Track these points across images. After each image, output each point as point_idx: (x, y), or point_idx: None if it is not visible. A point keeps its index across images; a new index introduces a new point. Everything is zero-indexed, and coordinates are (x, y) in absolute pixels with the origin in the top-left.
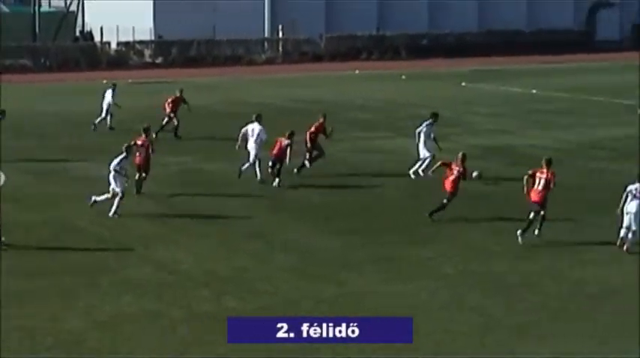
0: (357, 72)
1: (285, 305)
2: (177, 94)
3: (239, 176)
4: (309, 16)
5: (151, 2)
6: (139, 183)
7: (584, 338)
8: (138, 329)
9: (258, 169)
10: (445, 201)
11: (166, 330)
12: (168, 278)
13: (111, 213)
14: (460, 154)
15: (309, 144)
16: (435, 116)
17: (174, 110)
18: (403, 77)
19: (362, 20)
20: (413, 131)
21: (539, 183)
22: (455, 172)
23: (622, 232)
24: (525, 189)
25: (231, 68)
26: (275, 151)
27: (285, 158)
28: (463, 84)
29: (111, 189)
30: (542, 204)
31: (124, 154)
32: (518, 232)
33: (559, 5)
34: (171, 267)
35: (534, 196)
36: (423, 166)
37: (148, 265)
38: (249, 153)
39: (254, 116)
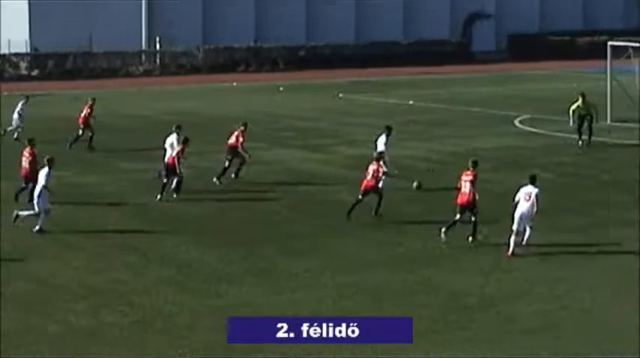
0: (235, 84)
1: (164, 319)
2: (90, 102)
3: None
4: (187, 28)
5: (27, 14)
6: (21, 192)
7: (463, 347)
8: (13, 344)
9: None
10: (360, 196)
11: (43, 344)
12: (45, 292)
13: (36, 229)
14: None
15: (242, 151)
16: (388, 129)
17: (88, 120)
18: (281, 89)
19: (239, 32)
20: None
21: (464, 185)
22: (370, 171)
23: (512, 239)
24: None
25: (108, 80)
26: (168, 159)
27: (177, 168)
28: (341, 95)
29: (36, 204)
30: (469, 206)
31: (49, 167)
32: (442, 229)
33: (436, 16)
34: (48, 280)
35: (460, 199)
36: None
37: (25, 278)
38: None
39: (174, 127)
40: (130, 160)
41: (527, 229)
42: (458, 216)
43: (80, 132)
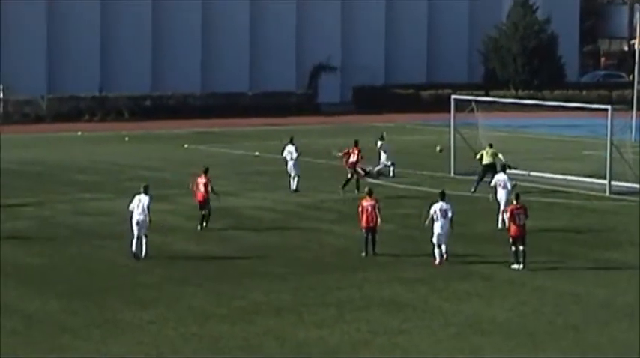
0: (79, 133)
1: None
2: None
3: None
4: (30, 77)
5: None
6: None
7: None
8: None
9: None
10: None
11: None
12: None
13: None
14: None
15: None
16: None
17: None
18: (126, 139)
19: (84, 81)
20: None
21: (519, 218)
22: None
23: (436, 251)
24: (507, 223)
25: None
26: None
27: None
28: (185, 145)
29: None
30: (524, 236)
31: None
32: (514, 265)
33: (281, 68)
34: None
35: (514, 231)
36: None
37: None
38: None
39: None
40: None
41: (443, 249)
42: (515, 248)
43: None
